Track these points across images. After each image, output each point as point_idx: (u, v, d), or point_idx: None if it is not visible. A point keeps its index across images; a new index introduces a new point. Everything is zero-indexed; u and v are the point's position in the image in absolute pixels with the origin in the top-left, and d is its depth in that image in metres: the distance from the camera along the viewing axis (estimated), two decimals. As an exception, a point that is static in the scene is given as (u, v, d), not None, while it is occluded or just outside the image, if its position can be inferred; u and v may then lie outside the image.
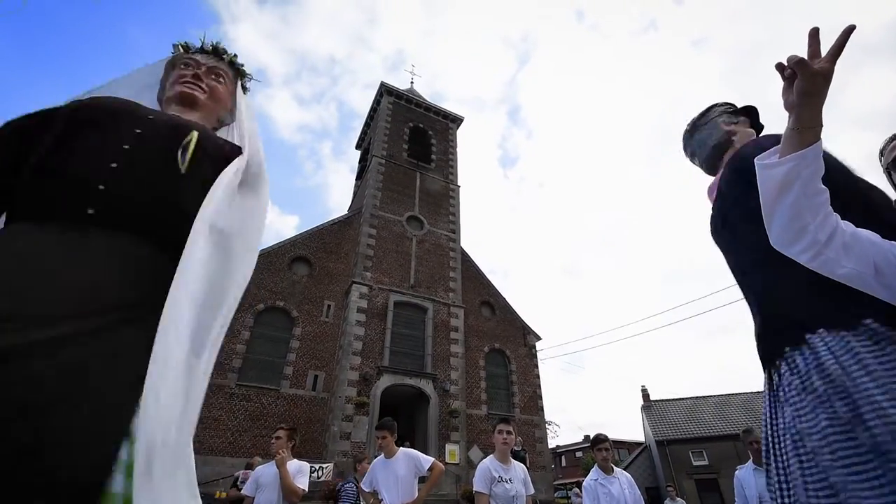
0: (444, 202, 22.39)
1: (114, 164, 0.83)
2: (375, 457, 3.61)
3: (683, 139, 1.50)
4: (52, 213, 0.77)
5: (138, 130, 0.90)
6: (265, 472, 3.48)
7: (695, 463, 23.29)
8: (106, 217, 0.78)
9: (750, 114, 1.41)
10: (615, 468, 3.63)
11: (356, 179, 26.32)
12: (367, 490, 3.46)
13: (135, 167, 0.85)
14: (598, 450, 3.61)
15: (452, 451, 15.86)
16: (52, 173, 0.81)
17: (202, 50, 1.20)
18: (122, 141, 0.87)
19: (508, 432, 3.24)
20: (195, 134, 0.95)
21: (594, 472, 3.63)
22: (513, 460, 3.27)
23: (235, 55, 1.24)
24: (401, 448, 3.51)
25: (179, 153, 0.90)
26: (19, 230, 0.75)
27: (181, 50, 1.19)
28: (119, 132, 0.89)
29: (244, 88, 1.26)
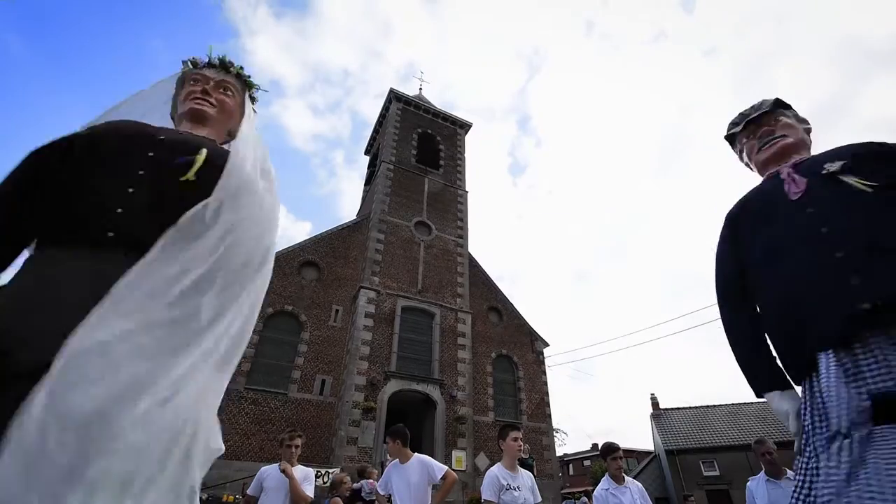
0: (451, 207, 22.44)
1: (130, 189, 0.90)
2: (382, 462, 3.61)
3: (773, 103, 1.43)
4: (76, 237, 0.84)
5: (151, 154, 0.95)
6: (270, 474, 3.48)
7: (705, 473, 22.88)
8: (122, 239, 0.84)
9: None
10: (626, 477, 3.60)
11: (365, 185, 26.49)
12: (381, 493, 3.46)
13: (149, 190, 0.91)
14: (612, 459, 3.58)
15: (459, 458, 15.77)
16: (75, 199, 0.88)
17: (210, 64, 1.22)
18: (137, 166, 0.93)
19: (522, 440, 3.27)
20: (203, 152, 0.98)
21: (605, 482, 3.60)
22: (520, 468, 3.26)
23: (241, 67, 1.26)
24: (415, 454, 3.48)
25: (189, 171, 0.95)
26: (52, 255, 0.83)
27: (190, 66, 1.22)
28: (133, 157, 0.95)
29: (252, 99, 1.27)
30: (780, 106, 1.41)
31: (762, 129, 1.38)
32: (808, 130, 1.39)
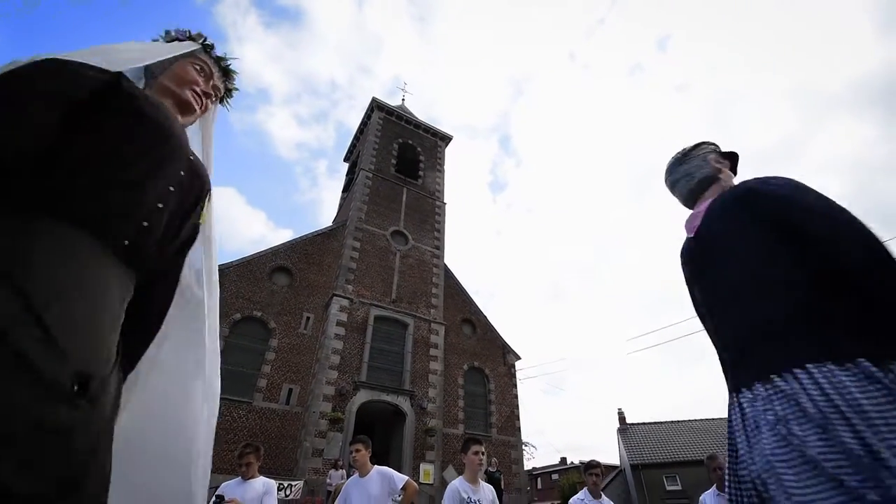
0: (429, 218, 22.51)
1: (160, 205, 0.80)
2: (349, 469, 3.56)
3: (670, 166, 1.49)
4: (103, 230, 0.70)
5: (182, 173, 0.88)
6: (231, 491, 3.38)
7: (668, 488, 23.36)
8: (132, 257, 0.75)
9: (732, 159, 1.45)
10: (602, 494, 3.80)
11: (343, 192, 26.28)
12: None
13: (170, 214, 0.84)
14: (590, 474, 3.86)
15: (427, 471, 15.60)
16: (107, 183, 0.72)
17: (219, 64, 1.16)
18: (171, 180, 0.84)
19: (483, 453, 3.30)
20: (209, 195, 1.00)
21: (583, 494, 3.85)
22: (482, 482, 3.28)
23: (236, 87, 1.23)
24: (374, 466, 3.46)
25: (198, 209, 0.95)
26: (73, 245, 0.66)
27: (203, 46, 1.13)
28: (172, 168, 0.85)
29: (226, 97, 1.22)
30: (686, 159, 1.45)
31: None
32: (724, 166, 1.41)
